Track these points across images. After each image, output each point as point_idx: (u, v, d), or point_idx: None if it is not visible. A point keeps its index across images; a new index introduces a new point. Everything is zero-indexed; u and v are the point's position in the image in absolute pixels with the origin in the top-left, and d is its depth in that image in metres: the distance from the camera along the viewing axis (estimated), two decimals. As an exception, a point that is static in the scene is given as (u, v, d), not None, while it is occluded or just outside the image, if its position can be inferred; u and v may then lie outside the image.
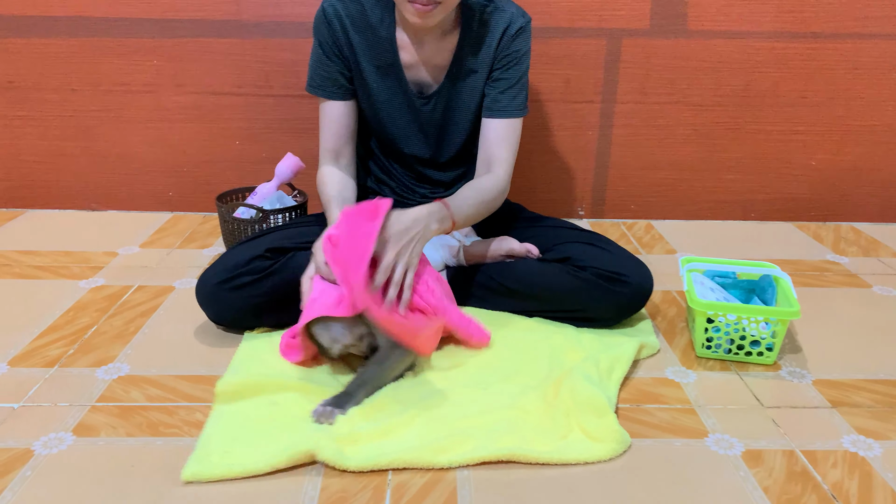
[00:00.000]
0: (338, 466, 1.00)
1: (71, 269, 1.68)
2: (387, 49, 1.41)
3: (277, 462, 0.99)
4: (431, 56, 1.42)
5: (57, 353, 1.31)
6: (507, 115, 1.44)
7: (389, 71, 1.43)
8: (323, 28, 1.42)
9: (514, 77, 1.43)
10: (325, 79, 1.44)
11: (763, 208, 2.12)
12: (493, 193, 1.41)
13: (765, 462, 1.05)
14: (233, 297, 1.32)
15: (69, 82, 1.97)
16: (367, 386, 1.15)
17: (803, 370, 1.30)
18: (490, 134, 1.45)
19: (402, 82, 1.43)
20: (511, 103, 1.44)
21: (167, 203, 2.09)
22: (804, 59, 1.97)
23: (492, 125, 1.45)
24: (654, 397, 1.21)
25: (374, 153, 1.56)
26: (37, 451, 1.04)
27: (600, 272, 1.35)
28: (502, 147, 1.44)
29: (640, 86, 1.99)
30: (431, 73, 1.44)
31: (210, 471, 0.99)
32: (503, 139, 1.44)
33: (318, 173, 1.48)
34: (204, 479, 0.98)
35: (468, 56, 1.42)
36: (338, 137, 1.48)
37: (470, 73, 1.43)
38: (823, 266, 1.81)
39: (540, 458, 1.02)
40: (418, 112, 1.46)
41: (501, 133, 1.44)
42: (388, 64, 1.42)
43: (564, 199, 2.10)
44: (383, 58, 1.42)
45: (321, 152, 1.49)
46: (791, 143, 2.06)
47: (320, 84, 1.45)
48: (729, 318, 1.29)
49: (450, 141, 1.50)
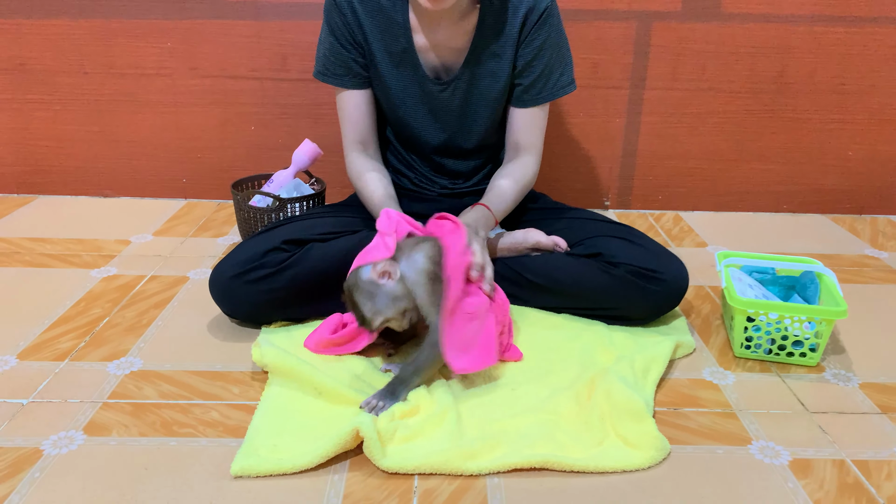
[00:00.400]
0: (374, 459, 0.96)
1: (82, 258, 1.63)
2: (401, 33, 1.34)
3: (326, 452, 0.96)
4: (448, 39, 1.34)
5: (67, 346, 1.26)
6: (534, 105, 1.39)
7: (404, 57, 1.35)
8: (334, 14, 1.35)
9: (538, 68, 1.36)
10: (339, 67, 1.37)
11: (796, 200, 2.05)
12: (528, 179, 1.41)
13: (814, 472, 0.98)
14: (248, 292, 1.27)
15: (81, 65, 1.92)
16: (422, 371, 1.10)
17: (849, 372, 1.24)
18: (520, 122, 1.40)
19: (417, 69, 1.36)
20: (540, 94, 1.38)
21: (181, 190, 2.04)
22: (843, 44, 1.89)
23: (520, 114, 1.40)
24: (691, 400, 1.15)
25: (391, 143, 1.50)
26: (46, 451, 0.99)
27: (634, 269, 1.28)
28: (532, 132, 1.40)
29: (671, 71, 1.91)
30: (448, 57, 1.36)
31: (259, 465, 0.95)
32: (532, 125, 1.40)
33: (348, 163, 1.43)
34: (253, 473, 0.95)
35: (488, 39, 1.34)
36: (362, 127, 1.42)
37: (491, 56, 1.36)
38: (862, 261, 1.73)
39: (575, 466, 0.96)
40: (435, 99, 1.39)
41: (534, 120, 1.39)
42: (403, 49, 1.35)
43: (590, 189, 2.03)
44: (397, 43, 1.34)
45: (346, 143, 1.43)
46: (827, 133, 1.98)
47: (335, 73, 1.38)
48: (770, 317, 1.22)
49: (470, 129, 1.43)
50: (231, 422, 1.06)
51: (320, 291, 1.28)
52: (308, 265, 1.28)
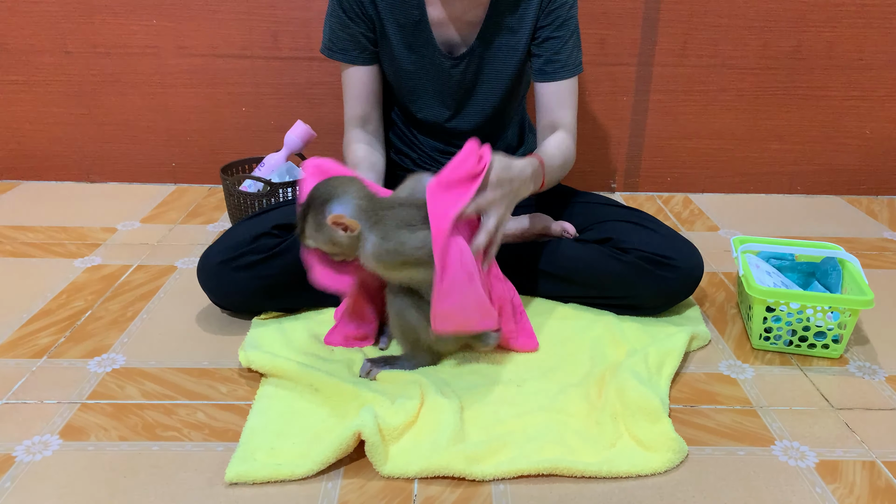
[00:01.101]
0: (376, 464, 0.90)
1: (66, 247, 1.56)
2: (414, 5, 1.26)
3: (326, 458, 0.89)
4: (463, 11, 1.26)
5: (47, 342, 1.19)
6: (565, 76, 1.30)
7: (416, 30, 1.27)
8: None
9: (566, 35, 1.29)
10: (347, 42, 1.29)
11: (811, 180, 1.97)
12: (570, 155, 1.30)
13: (843, 475, 0.92)
14: (237, 278, 1.20)
15: (64, 44, 1.83)
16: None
17: (874, 365, 1.17)
18: (550, 98, 1.31)
19: (429, 42, 1.28)
20: (567, 61, 1.30)
21: (170, 174, 1.96)
22: (861, 17, 1.80)
23: (550, 88, 1.31)
24: (709, 396, 1.08)
25: (395, 122, 1.42)
26: (18, 458, 0.92)
27: (646, 255, 1.21)
28: (566, 109, 1.31)
29: (681, 47, 1.83)
30: (463, 30, 1.28)
31: (255, 471, 0.88)
32: (565, 100, 1.31)
33: (345, 139, 1.36)
34: (249, 480, 0.88)
35: (505, 12, 1.27)
36: (365, 103, 1.35)
37: (507, 31, 1.28)
38: (881, 245, 1.66)
39: (587, 471, 0.89)
40: (447, 75, 1.31)
41: (563, 94, 1.31)
42: (415, 21, 1.27)
43: (595, 171, 1.95)
44: (410, 15, 1.27)
45: (347, 119, 1.36)
46: (844, 110, 1.89)
47: (342, 48, 1.30)
48: (792, 307, 1.15)
49: (478, 106, 1.35)
50: (218, 424, 0.99)
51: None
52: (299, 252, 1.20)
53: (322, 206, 1.02)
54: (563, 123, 1.31)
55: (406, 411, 0.97)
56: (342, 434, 0.90)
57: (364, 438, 0.90)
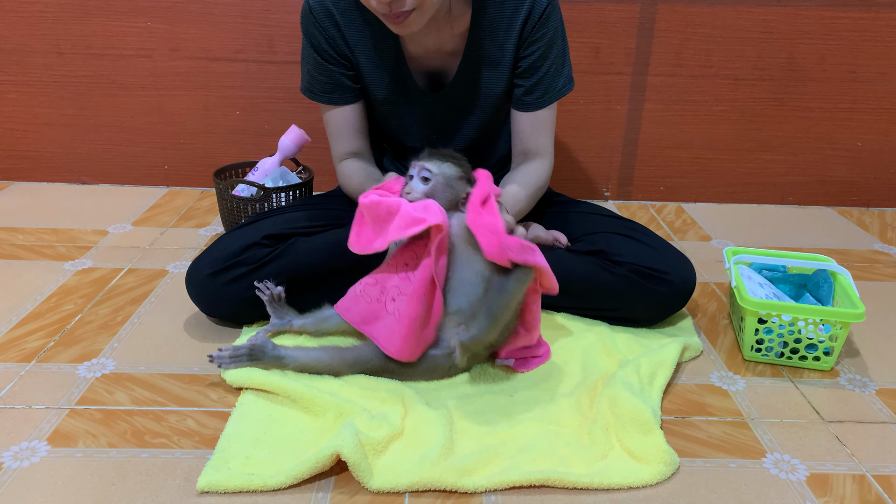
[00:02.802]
0: (362, 480, 0.88)
1: (56, 249, 1.55)
2: (388, 41, 1.23)
3: (300, 473, 0.88)
4: (441, 43, 1.23)
5: (36, 346, 1.18)
6: (542, 106, 1.28)
7: (393, 67, 1.25)
8: (311, 27, 1.24)
9: (546, 66, 1.25)
10: (327, 85, 1.27)
11: (803, 192, 1.98)
12: (541, 183, 1.30)
13: (833, 489, 0.92)
14: (226, 291, 1.19)
15: (56, 44, 1.82)
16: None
17: (864, 377, 1.17)
18: (524, 127, 1.29)
19: (407, 79, 1.26)
20: (548, 91, 1.27)
21: (162, 177, 1.95)
22: (854, 30, 1.81)
23: (525, 118, 1.28)
24: (700, 408, 1.08)
25: (387, 150, 1.41)
26: (5, 464, 0.91)
27: (638, 268, 1.21)
28: (541, 136, 1.29)
29: (675, 57, 1.83)
30: (441, 62, 1.26)
31: (228, 480, 0.88)
32: (541, 130, 1.29)
33: (339, 172, 1.34)
34: (221, 489, 0.87)
35: (485, 40, 1.23)
36: (353, 140, 1.32)
37: (487, 60, 1.25)
38: (872, 256, 1.67)
39: (578, 483, 0.89)
40: (429, 110, 1.30)
41: (536, 125, 1.29)
42: (392, 60, 1.24)
43: (588, 179, 1.96)
44: (385, 53, 1.24)
45: (336, 156, 1.34)
46: (836, 122, 1.90)
47: (322, 90, 1.28)
48: (784, 319, 1.15)
49: (465, 132, 1.34)
50: (208, 431, 0.99)
51: (304, 288, 1.21)
52: (291, 261, 1.20)
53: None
54: (540, 151, 1.29)
55: (389, 424, 0.96)
56: (319, 453, 0.89)
57: (345, 459, 0.88)
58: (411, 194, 1.07)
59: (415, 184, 1.08)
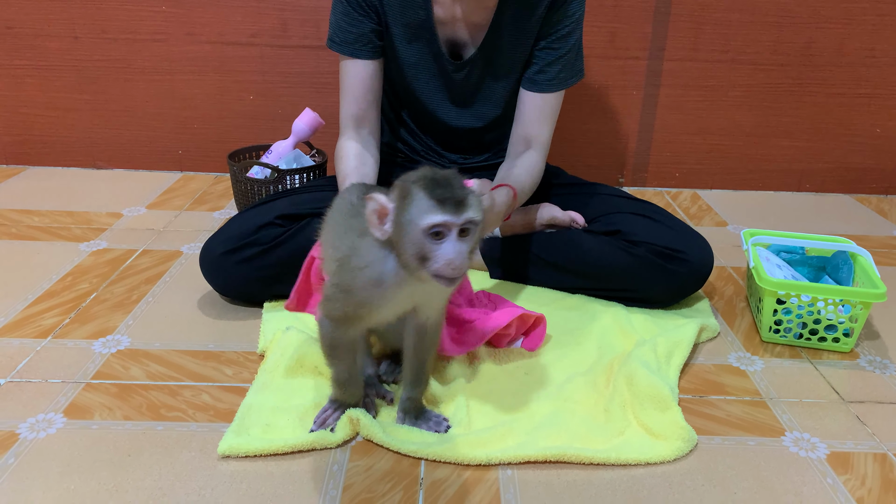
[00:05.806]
0: (373, 437, 0.90)
1: (72, 231, 1.55)
2: (419, 3, 1.23)
3: (317, 439, 0.90)
4: (469, 12, 1.23)
5: (51, 323, 1.18)
6: (552, 90, 1.26)
7: (420, 30, 1.24)
8: None
9: (563, 48, 1.24)
10: (351, 35, 1.26)
11: (820, 178, 1.95)
12: (537, 177, 1.27)
13: (855, 467, 0.91)
14: (240, 269, 1.19)
15: (72, 29, 1.82)
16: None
17: (885, 359, 1.16)
18: (530, 109, 1.27)
19: (433, 44, 1.25)
20: (557, 77, 1.26)
21: (177, 161, 1.95)
22: (874, 13, 1.79)
23: (533, 100, 1.27)
24: (718, 387, 1.07)
25: (403, 118, 1.40)
26: (22, 435, 0.91)
27: (656, 248, 1.20)
28: (543, 124, 1.27)
29: (692, 41, 1.81)
30: (468, 31, 1.25)
31: (248, 444, 0.89)
32: (544, 116, 1.27)
33: (337, 146, 1.32)
34: (241, 452, 0.88)
35: (512, 15, 1.23)
36: (362, 101, 1.30)
37: (513, 35, 1.24)
38: (890, 242, 1.65)
39: (595, 458, 0.88)
40: (450, 77, 1.29)
41: (543, 109, 1.27)
42: (420, 21, 1.24)
43: (603, 165, 1.94)
44: (415, 14, 1.23)
45: (342, 118, 1.32)
46: (855, 108, 1.88)
47: (344, 40, 1.26)
48: (802, 300, 1.14)
49: (484, 107, 1.33)
50: (223, 405, 0.99)
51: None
52: (304, 241, 1.19)
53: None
54: (539, 141, 1.27)
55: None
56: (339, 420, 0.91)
57: (361, 429, 0.90)
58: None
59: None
